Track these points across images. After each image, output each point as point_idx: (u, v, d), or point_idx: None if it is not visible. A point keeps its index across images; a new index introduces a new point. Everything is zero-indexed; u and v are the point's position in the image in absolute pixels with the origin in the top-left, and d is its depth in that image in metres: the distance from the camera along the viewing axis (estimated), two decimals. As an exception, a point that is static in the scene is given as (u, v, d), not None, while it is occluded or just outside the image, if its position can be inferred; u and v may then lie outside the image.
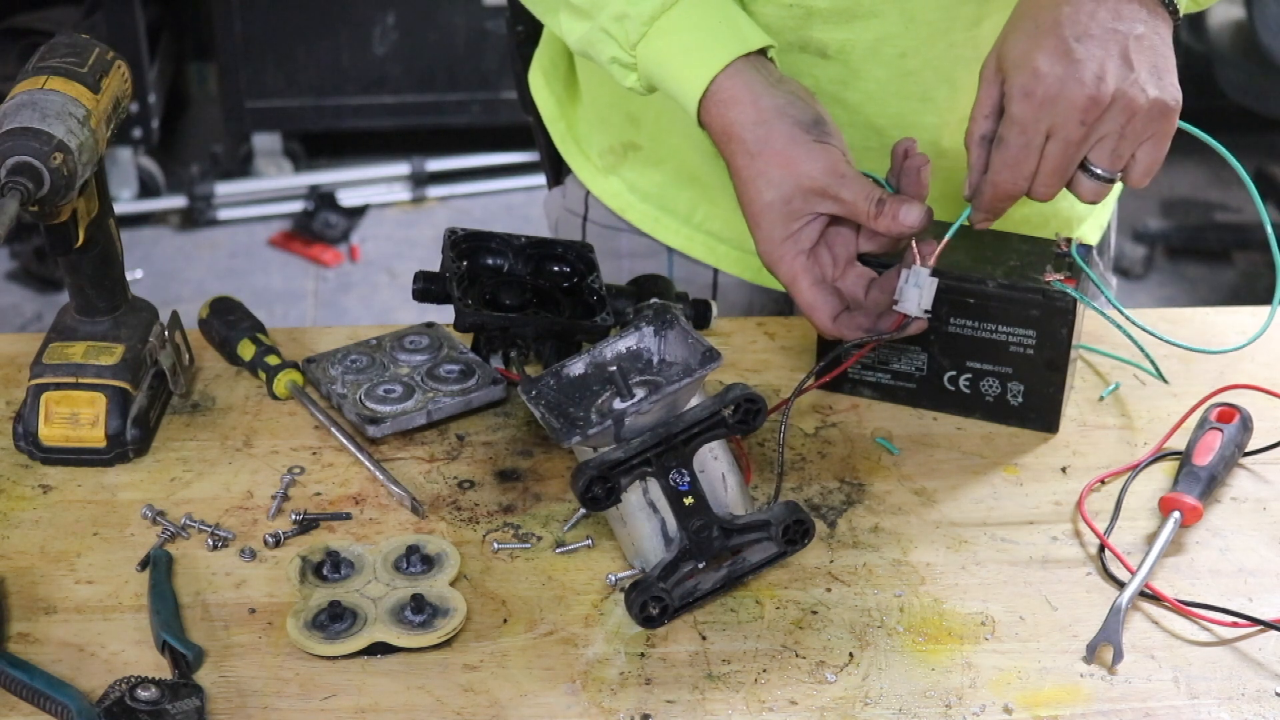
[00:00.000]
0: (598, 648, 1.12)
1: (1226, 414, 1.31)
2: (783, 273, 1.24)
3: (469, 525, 1.23)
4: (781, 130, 1.21)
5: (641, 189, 1.55)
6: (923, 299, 1.23)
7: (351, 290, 3.85)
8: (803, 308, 1.25)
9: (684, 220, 1.54)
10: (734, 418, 1.14)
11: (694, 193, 1.52)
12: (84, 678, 1.08)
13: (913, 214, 1.20)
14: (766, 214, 1.23)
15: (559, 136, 1.61)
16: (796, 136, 1.21)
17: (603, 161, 1.57)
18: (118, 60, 1.28)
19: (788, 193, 1.21)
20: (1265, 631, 1.14)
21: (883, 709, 1.07)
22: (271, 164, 4.19)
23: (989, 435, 1.33)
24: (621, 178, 1.55)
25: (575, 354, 1.20)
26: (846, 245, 1.25)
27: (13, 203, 1.13)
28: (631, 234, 1.57)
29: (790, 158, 1.21)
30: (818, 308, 1.24)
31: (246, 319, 1.41)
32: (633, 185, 1.55)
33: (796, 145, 1.21)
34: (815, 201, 1.22)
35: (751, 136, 1.22)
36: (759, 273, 1.53)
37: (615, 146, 1.54)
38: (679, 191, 1.53)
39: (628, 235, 1.57)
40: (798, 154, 1.21)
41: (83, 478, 1.27)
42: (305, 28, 4.03)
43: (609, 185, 1.57)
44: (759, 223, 1.23)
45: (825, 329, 1.24)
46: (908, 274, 1.22)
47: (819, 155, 1.21)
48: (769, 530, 1.14)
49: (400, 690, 1.08)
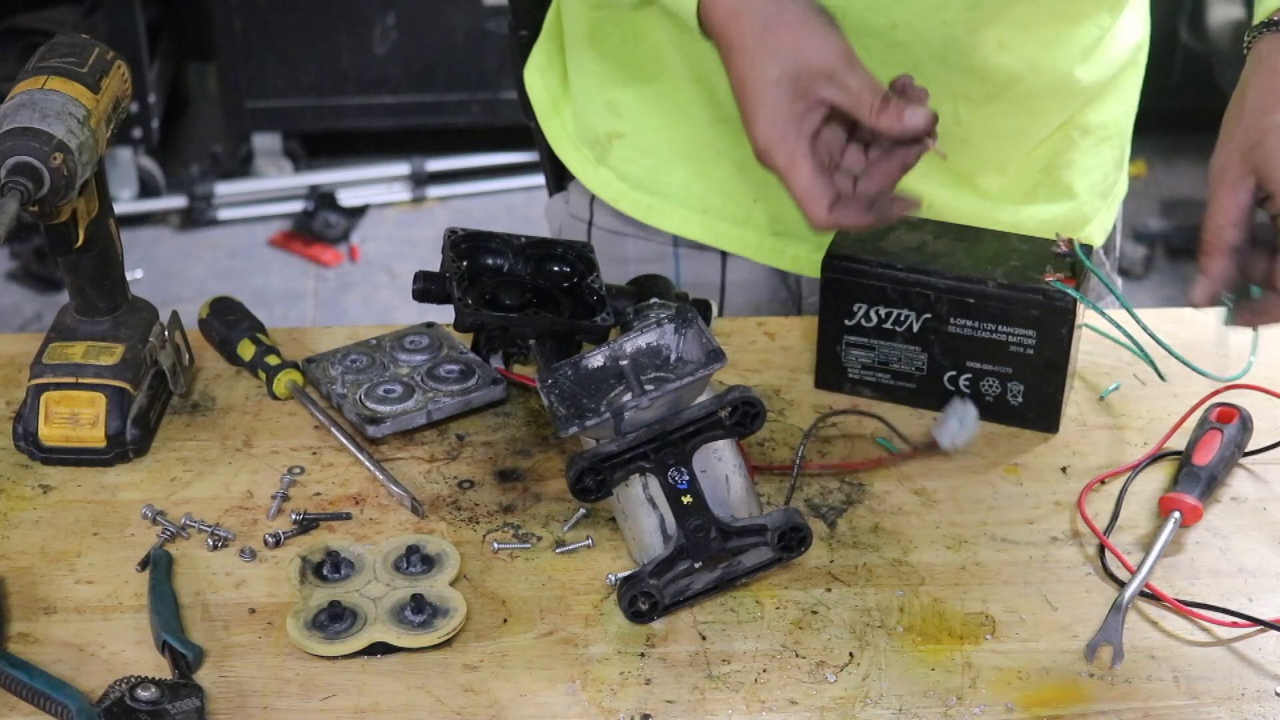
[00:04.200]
0: (598, 648, 1.12)
1: (1226, 414, 1.31)
2: (782, 156, 1.19)
3: (469, 525, 1.23)
4: (795, 9, 1.19)
5: (632, 176, 1.54)
6: (958, 438, 1.25)
7: (351, 290, 3.85)
8: (798, 195, 1.20)
9: (679, 202, 1.52)
10: (731, 419, 1.14)
11: (686, 170, 1.51)
12: (84, 678, 1.08)
13: (918, 116, 1.17)
14: (771, 91, 1.18)
15: (553, 134, 1.61)
16: (809, 18, 1.19)
17: (592, 152, 1.56)
18: (118, 60, 1.28)
19: (796, 70, 1.18)
20: (1265, 631, 1.14)
21: (883, 709, 1.07)
22: (271, 164, 4.19)
23: (989, 435, 1.33)
24: (611, 168, 1.55)
25: (596, 347, 1.20)
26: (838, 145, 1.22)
27: (13, 203, 1.13)
28: (637, 239, 1.57)
29: (802, 36, 1.18)
30: (815, 195, 1.19)
31: (246, 319, 1.41)
32: (623, 174, 1.54)
33: (809, 25, 1.19)
34: (822, 84, 1.18)
35: (763, 11, 1.19)
36: (760, 248, 1.52)
37: (601, 137, 1.54)
38: (670, 172, 1.52)
39: (634, 240, 1.57)
40: (810, 34, 1.18)
41: (83, 478, 1.27)
42: (305, 28, 4.03)
43: (600, 176, 1.56)
44: (761, 100, 1.19)
45: (820, 219, 1.20)
46: (958, 406, 1.25)
47: (832, 38, 1.19)
48: (766, 535, 1.14)
49: (400, 690, 1.08)
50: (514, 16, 1.67)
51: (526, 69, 1.65)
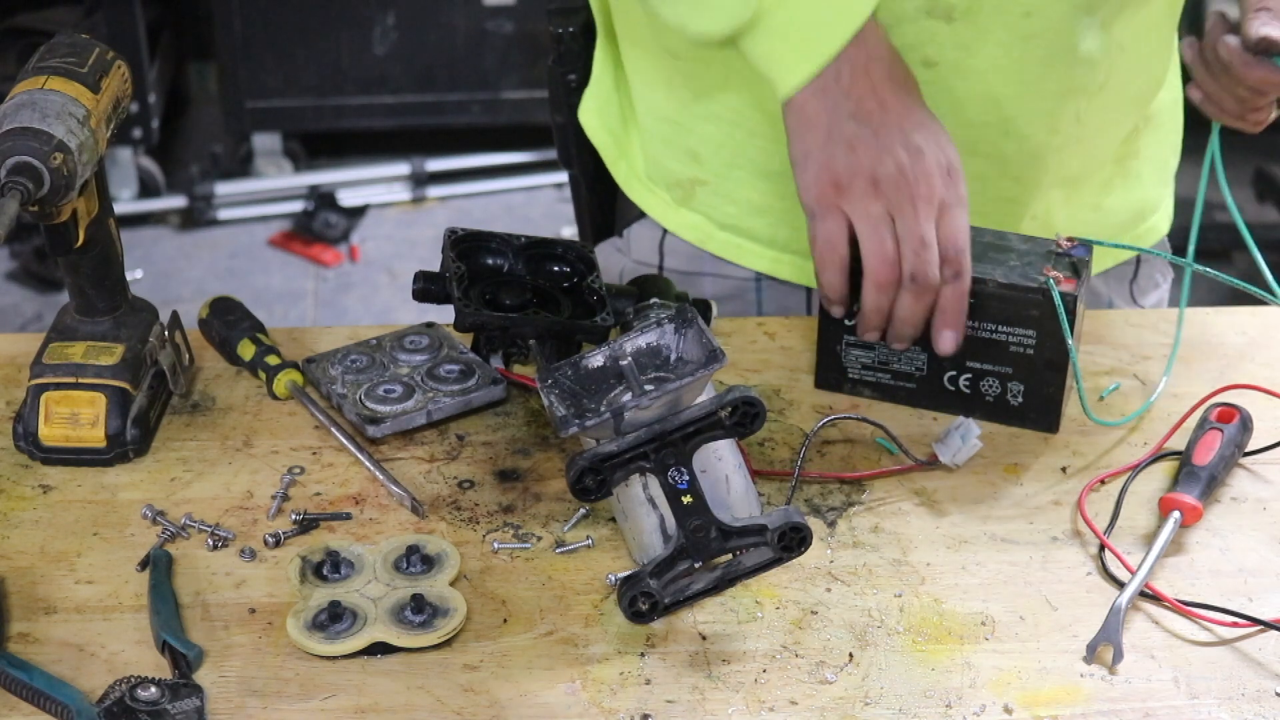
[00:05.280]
0: (598, 648, 1.12)
1: (1226, 414, 1.31)
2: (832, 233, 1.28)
3: (469, 525, 1.23)
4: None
5: (718, 219, 1.51)
6: (959, 455, 1.27)
7: (351, 290, 3.85)
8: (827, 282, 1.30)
9: (767, 243, 1.50)
10: (731, 419, 1.14)
11: (772, 217, 1.49)
12: (84, 678, 1.08)
13: None
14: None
15: (623, 177, 1.57)
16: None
17: (671, 195, 1.52)
18: (118, 60, 1.28)
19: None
20: (1265, 631, 1.14)
21: (883, 709, 1.07)
22: (271, 164, 4.19)
23: (989, 435, 1.33)
24: (695, 210, 1.52)
25: (596, 347, 1.20)
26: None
27: (13, 203, 1.13)
28: (715, 277, 1.54)
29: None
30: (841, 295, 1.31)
31: (246, 319, 1.41)
32: (709, 216, 1.51)
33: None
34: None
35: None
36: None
37: (683, 182, 1.51)
38: (756, 219, 1.49)
39: (711, 279, 1.54)
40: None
41: (83, 478, 1.27)
42: (305, 28, 4.03)
43: (684, 219, 1.52)
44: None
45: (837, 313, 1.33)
46: (962, 424, 1.27)
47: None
48: (765, 535, 1.14)
49: (400, 690, 1.08)
50: (558, 61, 1.63)
51: (582, 112, 1.60)
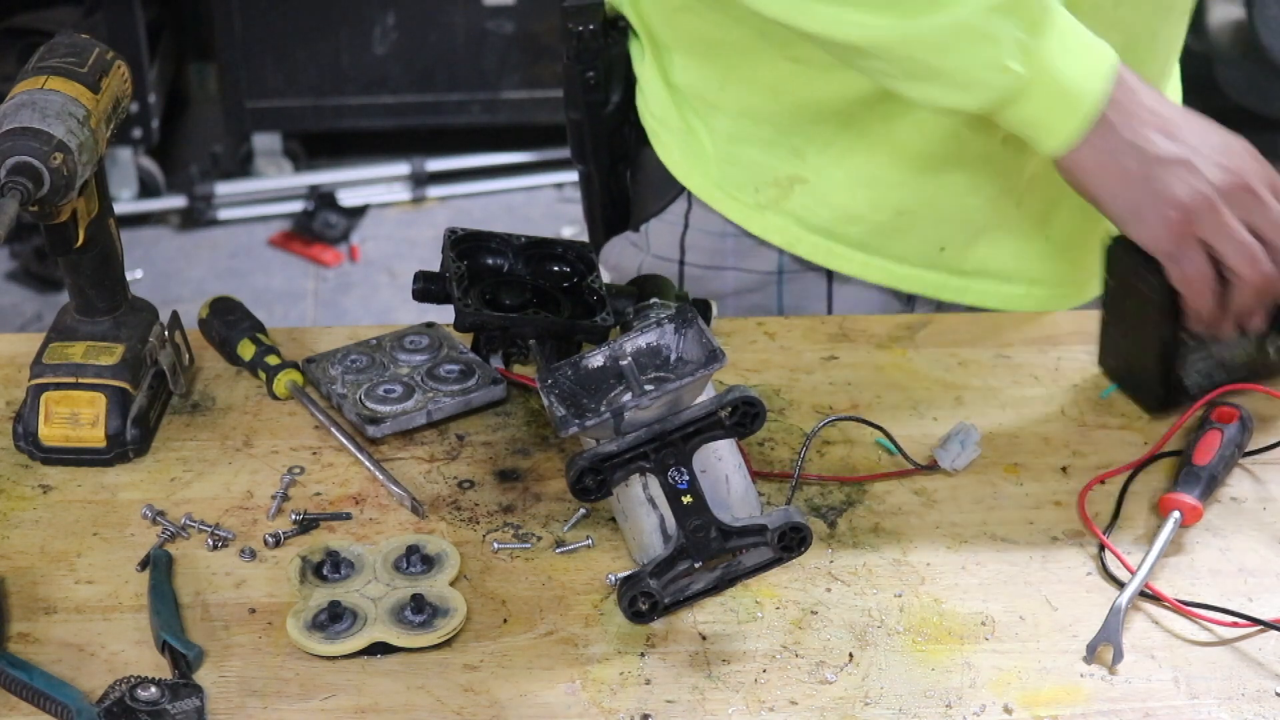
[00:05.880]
0: (598, 648, 1.12)
1: (1226, 414, 1.31)
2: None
3: (469, 525, 1.23)
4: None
5: (811, 222, 1.48)
6: (958, 460, 1.28)
7: (351, 290, 3.85)
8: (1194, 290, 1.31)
9: (859, 247, 1.49)
10: (731, 419, 1.14)
11: (868, 225, 1.47)
12: (84, 678, 1.08)
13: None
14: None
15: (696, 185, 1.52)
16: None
17: (760, 197, 1.49)
18: (118, 60, 1.28)
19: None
20: (1265, 631, 1.14)
21: (883, 709, 1.07)
22: (271, 164, 4.19)
23: (989, 435, 1.33)
24: (786, 214, 1.48)
25: (596, 347, 1.20)
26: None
27: (13, 203, 1.13)
28: (738, 272, 1.52)
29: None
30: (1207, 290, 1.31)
31: (246, 319, 1.41)
32: (801, 220, 1.48)
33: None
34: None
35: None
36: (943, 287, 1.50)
37: (780, 180, 1.47)
38: (850, 225, 1.48)
39: (733, 273, 1.53)
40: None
41: (83, 478, 1.27)
42: (305, 28, 4.03)
43: (769, 221, 1.49)
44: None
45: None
46: (962, 429, 1.28)
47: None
48: (765, 535, 1.14)
49: (400, 690, 1.08)
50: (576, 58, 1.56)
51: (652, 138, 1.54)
